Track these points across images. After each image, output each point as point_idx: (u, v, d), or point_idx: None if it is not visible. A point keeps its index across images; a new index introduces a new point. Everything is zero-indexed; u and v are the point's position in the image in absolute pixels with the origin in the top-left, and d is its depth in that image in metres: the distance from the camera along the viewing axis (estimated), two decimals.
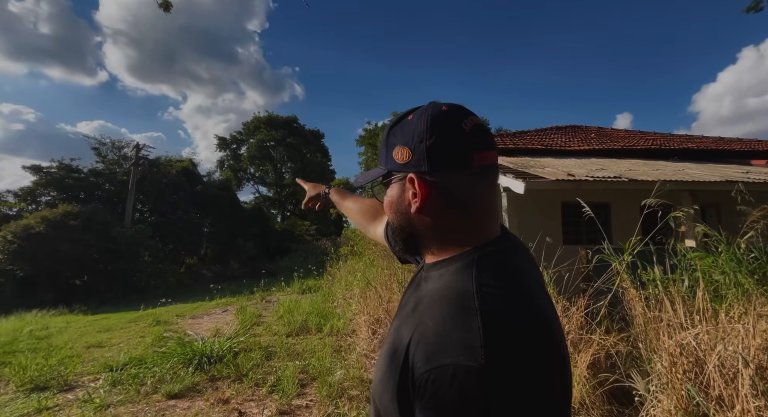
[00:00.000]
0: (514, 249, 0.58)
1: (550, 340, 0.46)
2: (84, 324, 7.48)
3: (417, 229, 0.57)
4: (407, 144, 0.54)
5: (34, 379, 3.55)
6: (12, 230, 12.45)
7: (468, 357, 0.40)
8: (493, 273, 0.49)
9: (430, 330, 0.45)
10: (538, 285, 0.55)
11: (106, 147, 19.57)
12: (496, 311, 0.44)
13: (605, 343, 2.36)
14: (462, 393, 0.39)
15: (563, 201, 6.44)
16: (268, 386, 3.20)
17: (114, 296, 13.13)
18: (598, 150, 8.14)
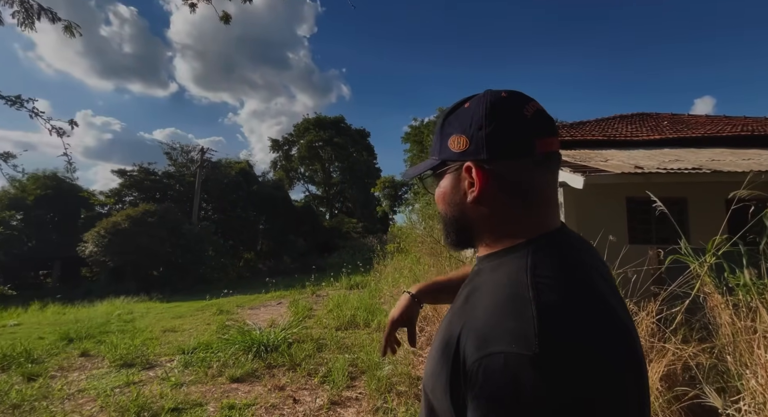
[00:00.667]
0: (576, 243, 0.55)
1: (621, 338, 0.42)
2: (160, 310, 8.39)
3: (472, 221, 0.55)
4: (464, 132, 0.52)
5: (123, 357, 4.05)
6: (104, 226, 14.33)
7: (521, 345, 0.38)
8: (549, 264, 0.47)
9: (481, 319, 0.44)
10: (606, 281, 0.51)
11: (176, 152, 21.68)
12: (552, 301, 0.41)
13: (682, 353, 2.11)
14: (515, 382, 0.37)
15: (629, 196, 5.85)
16: (320, 376, 3.34)
17: (184, 286, 14.55)
18: (671, 139, 7.27)
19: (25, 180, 16.26)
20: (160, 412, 2.70)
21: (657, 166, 4.40)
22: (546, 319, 0.39)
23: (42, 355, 4.37)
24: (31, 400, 3.02)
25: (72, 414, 2.75)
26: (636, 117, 9.74)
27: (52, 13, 3.46)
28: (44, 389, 3.27)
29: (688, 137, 7.28)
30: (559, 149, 0.54)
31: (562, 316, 0.41)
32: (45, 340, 5.17)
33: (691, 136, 7.32)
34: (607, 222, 5.01)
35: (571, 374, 0.37)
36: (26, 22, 3.36)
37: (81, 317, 7.33)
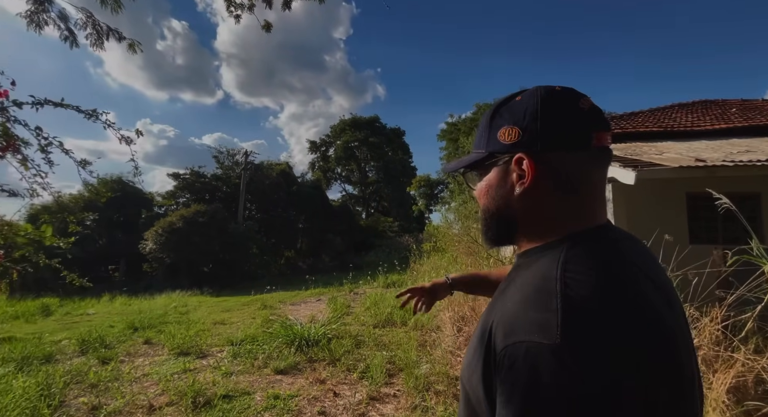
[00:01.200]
0: (622, 240, 0.53)
1: (650, 338, 0.41)
2: (211, 304, 9.00)
3: (516, 214, 0.54)
4: (517, 123, 0.52)
5: (180, 346, 4.41)
6: (161, 226, 15.62)
7: (542, 335, 0.39)
8: (583, 259, 0.46)
9: (510, 310, 0.45)
10: (653, 282, 0.48)
11: (222, 155, 23.05)
12: (578, 295, 0.41)
13: (754, 365, 1.91)
14: (534, 370, 0.38)
15: (689, 192, 5.35)
16: (359, 372, 3.41)
17: (231, 282, 15.46)
18: (740, 128, 6.52)
19: (96, 184, 18.20)
20: (213, 398, 2.91)
21: (723, 158, 3.98)
22: (570, 311, 0.40)
23: (113, 341, 4.87)
24: (105, 381, 3.39)
25: (138, 395, 3.04)
26: (698, 105, 8.84)
27: (118, 33, 3.80)
28: (115, 372, 3.64)
29: (762, 125, 6.49)
30: (610, 145, 0.53)
31: (587, 309, 0.40)
32: (115, 328, 5.76)
33: (765, 123, 6.52)
34: (663, 220, 4.62)
35: (590, 367, 0.37)
36: (97, 43, 3.72)
37: (144, 309, 8.06)
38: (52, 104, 1.66)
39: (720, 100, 9.03)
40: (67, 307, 9.09)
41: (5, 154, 1.56)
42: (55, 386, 3.07)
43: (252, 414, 2.70)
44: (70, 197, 17.61)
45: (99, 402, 2.92)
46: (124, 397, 2.99)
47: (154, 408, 2.81)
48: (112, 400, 2.97)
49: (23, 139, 1.63)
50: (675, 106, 8.85)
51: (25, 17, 3.47)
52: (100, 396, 3.04)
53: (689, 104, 8.93)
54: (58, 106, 1.68)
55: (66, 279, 2.51)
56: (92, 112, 1.79)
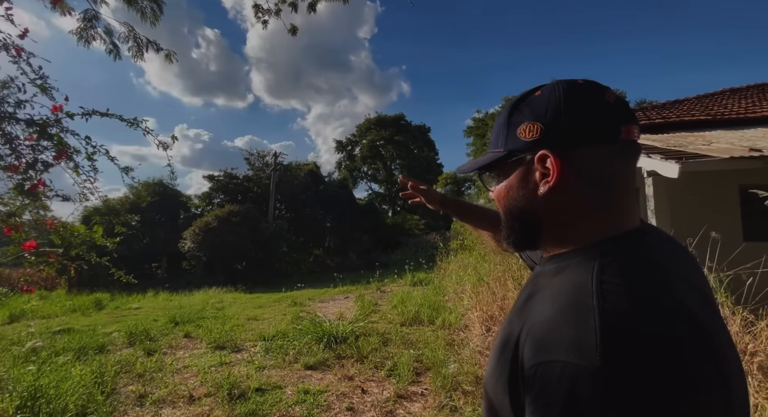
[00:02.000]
0: (658, 243, 0.49)
1: (702, 355, 0.37)
2: (244, 300, 9.38)
3: (540, 216, 0.51)
4: (538, 118, 0.48)
5: (216, 340, 4.63)
6: (198, 225, 16.47)
7: (580, 356, 0.36)
8: (619, 269, 0.42)
9: (541, 324, 0.42)
10: (693, 288, 0.45)
11: (253, 157, 23.91)
12: (618, 310, 0.38)
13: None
14: (571, 396, 0.35)
15: (743, 184, 4.92)
16: (386, 370, 3.43)
17: (263, 280, 16.03)
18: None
19: (140, 187, 19.46)
20: (247, 390, 3.04)
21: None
22: (610, 330, 0.36)
23: (156, 334, 5.19)
24: (151, 371, 3.63)
25: (180, 386, 3.23)
26: (753, 89, 8.07)
27: (156, 45, 4.03)
28: (159, 363, 3.89)
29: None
30: (638, 139, 0.50)
31: (629, 327, 0.37)
32: (158, 322, 6.14)
33: None
34: (712, 217, 4.28)
35: (636, 393, 0.33)
36: (137, 55, 3.96)
37: (184, 304, 8.54)
38: (99, 114, 1.80)
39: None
40: (117, 302, 9.81)
41: (59, 161, 1.72)
42: (107, 375, 3.32)
43: (283, 407, 2.79)
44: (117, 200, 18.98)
45: (145, 390, 3.13)
46: (167, 387, 3.19)
47: (194, 398, 2.97)
48: (156, 389, 3.17)
49: (75, 147, 1.79)
50: (726, 92, 8.14)
51: (75, 34, 3.77)
52: (146, 385, 3.26)
53: (743, 89, 8.17)
54: (104, 116, 1.82)
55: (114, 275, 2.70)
56: (134, 121, 1.93)
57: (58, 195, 1.82)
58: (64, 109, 2.04)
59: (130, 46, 3.91)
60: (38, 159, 1.68)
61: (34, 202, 1.78)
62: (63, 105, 2.04)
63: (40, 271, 2.33)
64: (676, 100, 7.78)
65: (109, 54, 3.97)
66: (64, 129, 1.72)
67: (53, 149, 1.70)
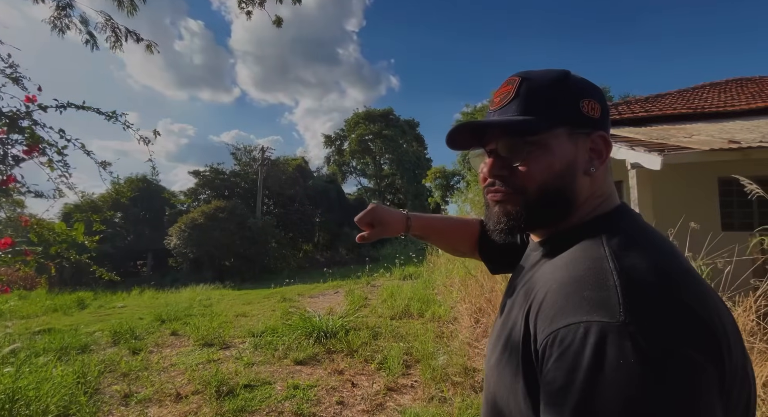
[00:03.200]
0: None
1: (718, 310, 0.38)
2: (233, 297, 9.29)
3: (575, 194, 0.49)
4: (596, 98, 0.51)
5: (204, 337, 4.57)
6: (184, 222, 16.17)
7: (603, 314, 0.35)
8: (628, 232, 0.45)
9: (554, 292, 0.41)
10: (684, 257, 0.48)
11: (240, 152, 23.52)
12: (636, 269, 0.38)
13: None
14: (598, 353, 0.33)
15: (721, 176, 5.08)
16: (376, 363, 3.45)
17: (251, 276, 15.90)
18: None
19: (122, 183, 18.97)
20: (236, 387, 3.02)
21: (759, 139, 3.74)
22: (631, 288, 0.36)
23: (142, 332, 5.10)
24: (136, 370, 3.56)
25: (166, 384, 3.19)
26: (731, 83, 8.30)
27: (135, 35, 3.89)
28: (145, 362, 3.82)
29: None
30: None
31: (649, 283, 0.37)
32: (144, 320, 6.03)
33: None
34: (692, 207, 4.41)
35: (661, 344, 0.33)
36: (116, 45, 3.82)
37: (170, 301, 8.40)
38: (74, 107, 1.73)
39: (757, 77, 8.45)
40: (100, 301, 9.58)
41: (31, 156, 1.64)
42: (90, 375, 3.25)
43: (273, 403, 2.78)
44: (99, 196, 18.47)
45: (130, 390, 3.07)
46: (154, 385, 3.14)
47: (181, 396, 2.93)
48: (142, 388, 3.12)
49: (49, 141, 1.71)
50: (706, 86, 8.36)
51: (49, 23, 3.60)
52: (131, 384, 3.20)
53: (722, 83, 8.40)
54: (80, 109, 1.75)
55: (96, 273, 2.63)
56: (112, 114, 1.86)
57: (30, 191, 1.75)
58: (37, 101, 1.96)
59: (108, 36, 3.76)
60: (8, 153, 1.61)
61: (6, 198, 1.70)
62: (36, 96, 1.95)
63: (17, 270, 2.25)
64: (658, 94, 7.96)
65: (86, 44, 3.81)
66: (36, 122, 1.65)
67: (25, 143, 1.63)
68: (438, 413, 2.49)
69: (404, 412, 2.55)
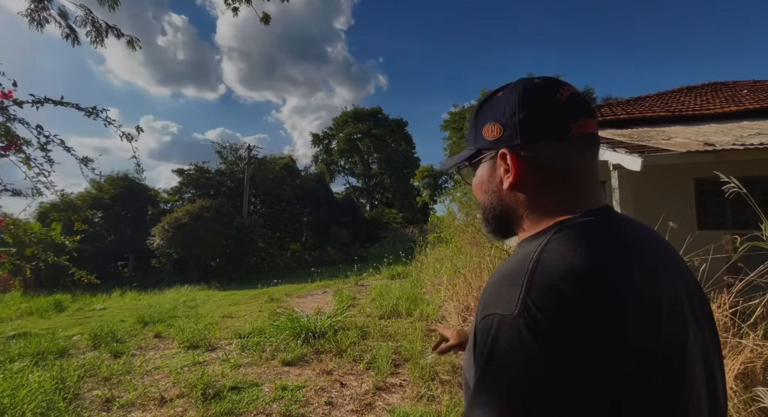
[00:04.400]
0: (616, 222, 0.52)
1: (615, 320, 0.40)
2: (219, 298, 9.12)
3: (509, 207, 0.56)
4: (498, 120, 0.54)
5: (189, 339, 4.48)
6: (168, 221, 15.77)
7: (506, 308, 0.41)
8: (564, 241, 0.46)
9: (487, 289, 0.48)
10: (651, 261, 0.48)
11: (226, 150, 23.06)
12: (546, 272, 0.42)
13: (763, 350, 1.89)
14: (493, 339, 0.41)
15: (698, 177, 5.27)
16: (365, 363, 3.45)
17: (238, 276, 15.65)
18: (752, 110, 6.36)
19: (103, 181, 18.39)
20: (223, 389, 2.97)
21: (733, 142, 3.89)
22: (532, 285, 0.41)
23: (124, 335, 4.96)
24: (118, 374, 3.46)
25: (150, 388, 3.11)
26: (707, 87, 8.63)
27: (117, 30, 3.78)
28: (127, 365, 3.72)
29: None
30: (596, 131, 0.54)
31: (550, 284, 0.41)
32: (126, 322, 5.87)
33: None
34: (671, 207, 4.56)
35: (544, 339, 0.38)
36: (97, 40, 3.70)
37: (153, 303, 8.20)
38: (52, 102, 1.66)
39: (730, 82, 8.81)
40: (79, 303, 9.27)
41: (8, 153, 1.57)
42: (69, 380, 3.14)
43: (261, 405, 2.75)
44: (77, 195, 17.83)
45: (112, 394, 2.99)
46: (137, 389, 3.06)
47: (166, 400, 2.87)
48: (124, 393, 3.04)
49: (25, 138, 1.64)
50: (683, 89, 8.66)
51: (26, 16, 3.46)
52: (113, 389, 3.11)
53: (698, 87, 8.72)
54: (57, 104, 1.68)
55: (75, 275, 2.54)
56: (92, 110, 1.79)
57: (7, 189, 1.67)
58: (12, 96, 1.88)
59: (89, 31, 3.64)
60: None
61: None
62: (12, 91, 1.87)
63: None
64: (639, 97, 8.21)
65: (65, 39, 3.68)
66: (11, 117, 1.58)
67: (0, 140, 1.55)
68: (427, 411, 2.51)
69: (393, 411, 2.56)
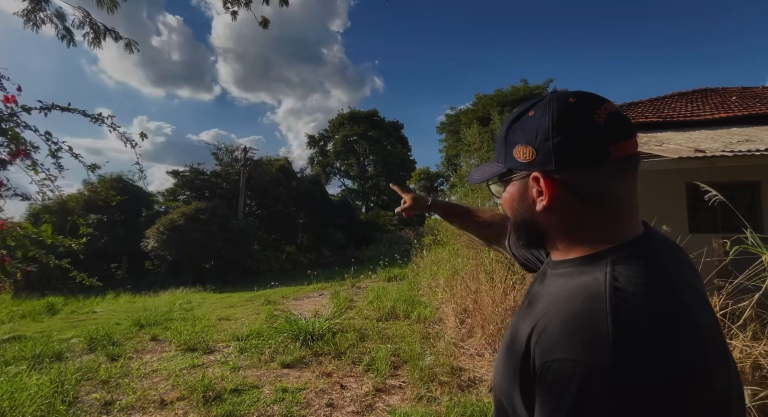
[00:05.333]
0: (661, 248, 0.51)
1: (701, 361, 0.39)
2: (214, 300, 9.08)
3: (543, 227, 0.56)
4: (530, 142, 0.52)
5: (187, 342, 4.47)
6: (163, 223, 15.65)
7: (593, 356, 0.39)
8: (630, 277, 0.44)
9: (554, 325, 0.44)
10: (695, 293, 0.47)
11: (221, 152, 22.97)
12: (629, 317, 0.40)
13: (752, 351, 1.96)
14: (581, 391, 0.38)
15: (689, 182, 5.38)
16: (364, 365, 3.48)
17: (233, 278, 15.56)
18: (740, 117, 6.53)
19: (96, 183, 18.20)
20: (223, 392, 2.98)
21: (722, 148, 4.00)
22: (622, 334, 0.39)
23: (120, 338, 4.93)
24: (116, 377, 3.45)
25: (150, 391, 3.11)
26: (697, 94, 8.82)
27: (115, 33, 3.79)
28: (125, 368, 3.71)
29: (762, 114, 6.49)
30: (637, 150, 0.52)
31: (639, 331, 0.40)
32: (121, 325, 5.83)
33: (765, 112, 6.52)
34: (663, 210, 4.65)
35: (642, 391, 0.37)
36: (94, 42, 3.71)
37: (148, 306, 8.13)
38: (59, 109, 1.68)
39: (720, 88, 9.01)
40: (72, 306, 9.17)
41: (16, 159, 1.59)
42: (67, 383, 3.13)
43: (262, 407, 2.76)
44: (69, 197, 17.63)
45: (111, 397, 2.98)
46: (136, 392, 3.06)
47: (166, 403, 2.87)
48: (124, 396, 3.03)
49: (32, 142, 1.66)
50: (675, 95, 8.84)
51: (22, 16, 3.45)
52: (111, 392, 3.11)
53: (689, 93, 8.91)
54: (65, 111, 1.70)
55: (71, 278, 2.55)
56: (98, 116, 1.82)
57: (17, 194, 1.68)
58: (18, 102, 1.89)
59: (86, 33, 3.64)
60: None
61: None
62: (16, 96, 1.88)
63: None
64: (631, 102, 8.37)
65: (62, 40, 3.68)
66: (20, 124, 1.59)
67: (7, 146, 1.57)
68: (427, 412, 2.55)
69: (394, 412, 2.59)
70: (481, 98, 21.92)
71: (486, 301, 3.88)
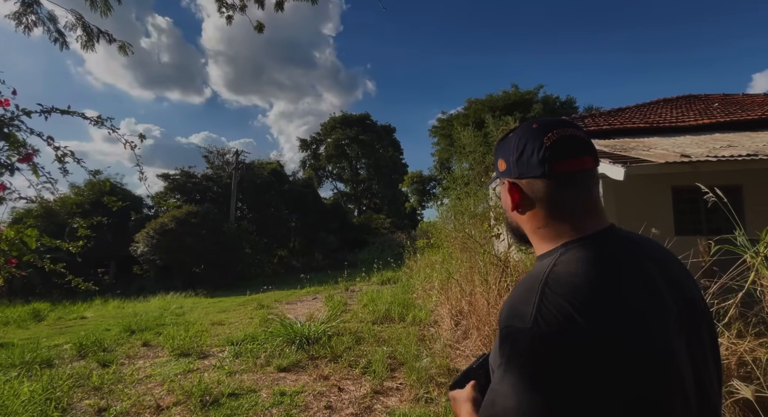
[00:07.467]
0: (620, 244, 0.60)
1: (617, 334, 0.49)
2: (206, 305, 8.97)
3: (518, 225, 0.71)
4: (505, 156, 0.68)
5: (180, 347, 4.42)
6: (153, 227, 15.40)
7: (521, 322, 0.52)
8: (569, 263, 0.56)
9: (507, 301, 0.59)
10: (643, 283, 0.55)
11: (212, 155, 22.75)
12: (553, 291, 0.53)
13: (737, 348, 2.05)
14: (513, 349, 0.52)
15: (675, 186, 5.55)
16: (361, 368, 3.49)
17: (225, 283, 15.37)
18: (723, 123, 6.77)
19: (83, 186, 17.85)
20: (220, 396, 2.96)
21: (706, 153, 4.15)
22: (540, 304, 0.52)
23: (111, 344, 4.85)
24: (109, 383, 3.40)
25: (145, 396, 3.07)
26: (682, 100, 9.12)
27: (108, 35, 3.77)
28: (117, 374, 3.66)
29: (743, 120, 6.74)
30: (590, 166, 0.62)
31: (557, 304, 0.51)
32: (111, 331, 5.73)
33: (746, 118, 6.77)
34: (651, 213, 4.80)
35: (546, 347, 0.49)
36: (87, 45, 3.69)
37: (138, 311, 8.00)
38: (59, 112, 1.68)
39: (703, 95, 9.32)
40: (58, 312, 8.96)
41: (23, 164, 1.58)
42: (60, 390, 3.07)
43: (260, 410, 2.76)
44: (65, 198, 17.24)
45: (106, 404, 2.94)
46: (130, 398, 3.02)
47: (162, 408, 2.85)
48: (118, 402, 2.99)
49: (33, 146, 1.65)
50: (660, 102, 9.11)
51: (13, 19, 3.42)
52: (105, 398, 3.06)
53: (673, 99, 9.20)
54: (65, 114, 1.70)
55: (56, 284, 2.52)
56: (98, 119, 1.82)
57: (22, 197, 1.67)
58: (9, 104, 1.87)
59: (80, 36, 3.62)
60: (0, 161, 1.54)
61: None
62: (9, 100, 1.87)
63: None
64: (619, 108, 8.60)
65: (54, 43, 3.65)
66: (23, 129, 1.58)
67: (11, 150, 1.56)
68: (425, 413, 2.58)
69: (392, 413, 2.61)
70: (472, 103, 22.17)
71: (481, 303, 3.94)
